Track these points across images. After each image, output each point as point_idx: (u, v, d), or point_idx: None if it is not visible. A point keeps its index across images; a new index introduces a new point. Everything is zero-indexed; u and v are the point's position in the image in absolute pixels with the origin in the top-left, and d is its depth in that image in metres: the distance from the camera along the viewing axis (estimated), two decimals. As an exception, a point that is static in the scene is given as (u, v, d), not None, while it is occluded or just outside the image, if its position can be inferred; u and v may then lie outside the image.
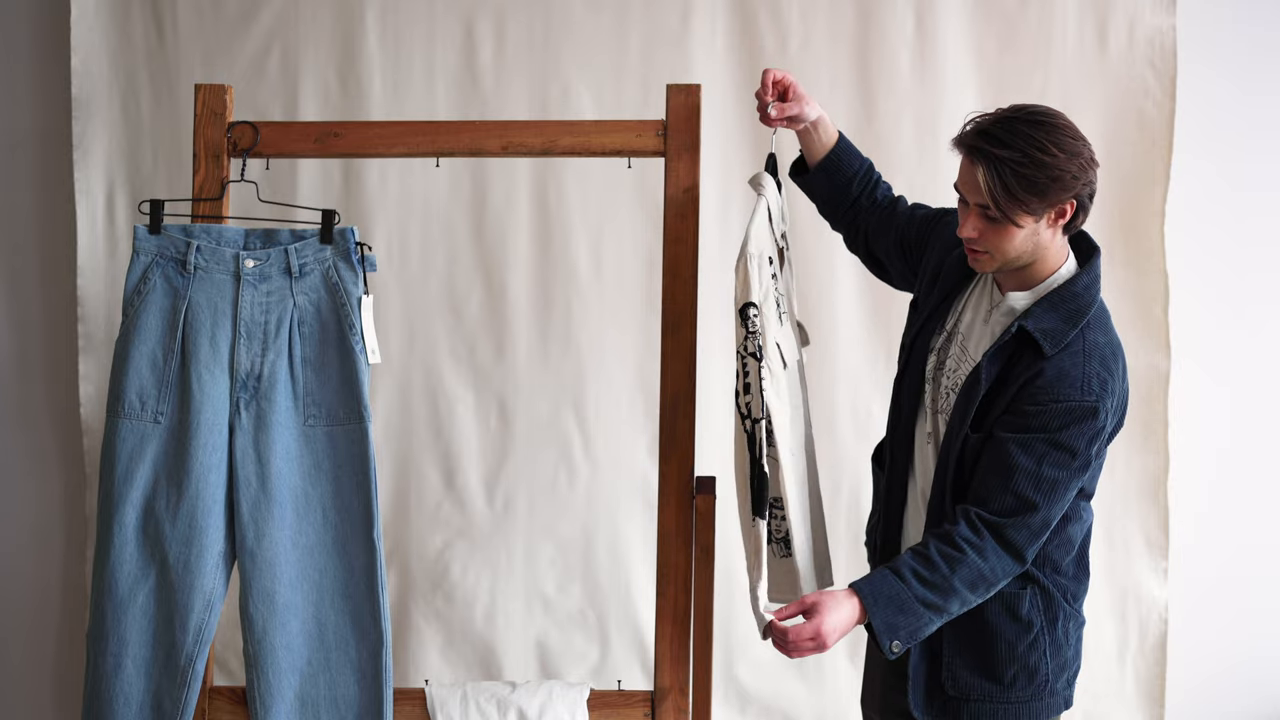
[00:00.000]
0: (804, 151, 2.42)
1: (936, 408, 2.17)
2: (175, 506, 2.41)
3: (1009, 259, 2.06)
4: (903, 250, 2.35)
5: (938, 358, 2.19)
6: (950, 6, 3.14)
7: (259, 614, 2.42)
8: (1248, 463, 3.24)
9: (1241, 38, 3.19)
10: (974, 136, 2.01)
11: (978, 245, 2.06)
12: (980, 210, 2.03)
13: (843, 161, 2.39)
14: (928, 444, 2.19)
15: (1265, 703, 3.26)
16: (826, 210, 2.45)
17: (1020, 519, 2.02)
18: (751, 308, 2.19)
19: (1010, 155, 1.96)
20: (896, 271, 2.40)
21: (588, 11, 3.16)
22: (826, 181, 2.39)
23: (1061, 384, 2.01)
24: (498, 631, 3.21)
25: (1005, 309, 2.11)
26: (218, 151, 2.52)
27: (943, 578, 2.01)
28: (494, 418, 3.22)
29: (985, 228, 2.03)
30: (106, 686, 2.42)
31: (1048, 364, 2.02)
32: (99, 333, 3.19)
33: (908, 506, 2.23)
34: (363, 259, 2.48)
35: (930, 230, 2.31)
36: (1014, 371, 2.05)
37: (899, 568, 2.04)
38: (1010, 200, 1.97)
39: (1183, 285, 3.16)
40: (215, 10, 3.18)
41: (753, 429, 2.20)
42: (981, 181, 1.99)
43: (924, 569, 2.02)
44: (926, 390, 2.20)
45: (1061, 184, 1.97)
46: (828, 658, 3.18)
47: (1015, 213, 1.99)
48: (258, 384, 2.43)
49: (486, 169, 3.17)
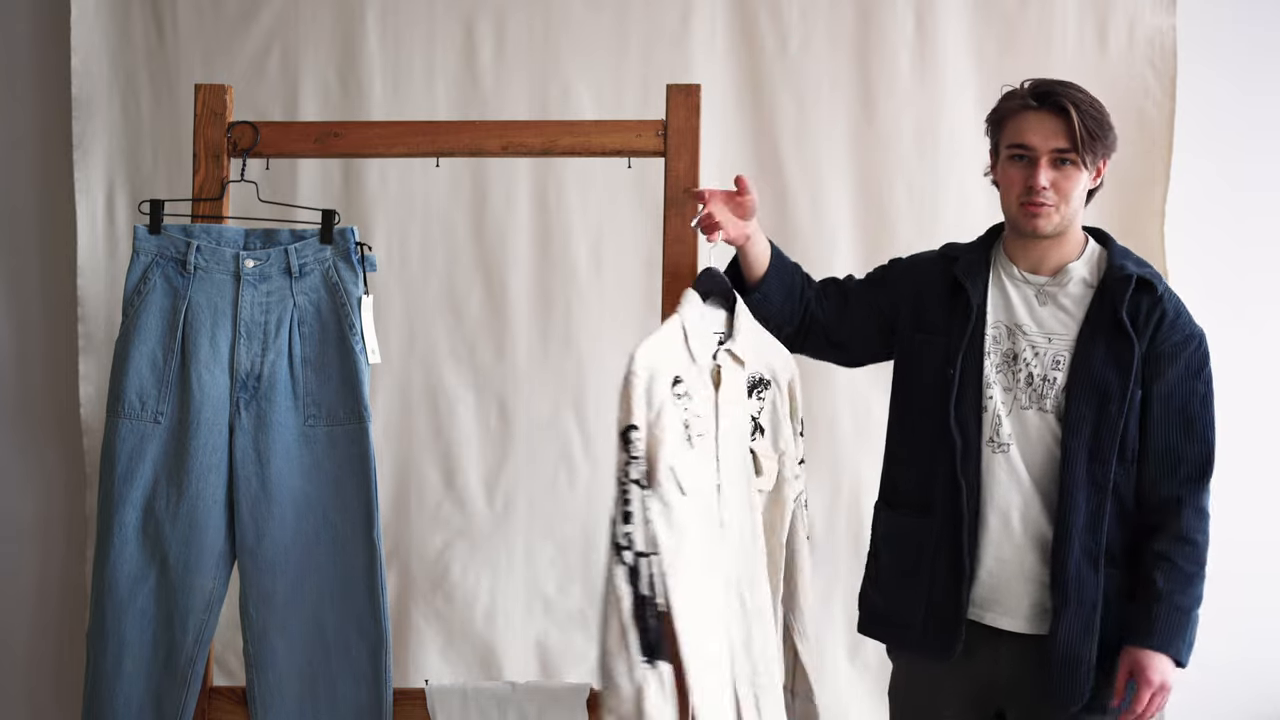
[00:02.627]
0: (745, 266, 2.32)
1: (1019, 404, 2.17)
2: (175, 506, 2.41)
3: (1070, 210, 2.18)
4: (877, 314, 2.33)
5: (1000, 357, 2.19)
6: (950, 7, 3.14)
7: (259, 614, 2.42)
8: (1248, 463, 3.24)
9: (1241, 38, 3.19)
10: (1054, 86, 2.17)
11: (1048, 197, 2.16)
12: (1055, 157, 2.15)
13: (784, 260, 2.35)
14: (997, 452, 2.17)
15: (1265, 702, 3.26)
16: (783, 316, 2.32)
17: (1209, 469, 2.16)
18: (634, 430, 1.99)
19: (1087, 100, 2.16)
20: (861, 343, 2.36)
21: (588, 11, 3.16)
22: (779, 284, 2.32)
23: (1182, 316, 2.19)
24: (498, 631, 3.20)
25: (1075, 278, 2.20)
26: (218, 151, 2.52)
27: (1197, 577, 2.14)
28: (494, 418, 3.22)
29: (1056, 176, 2.16)
30: (106, 686, 2.41)
31: (1165, 301, 2.18)
32: (99, 333, 3.19)
33: (988, 530, 2.17)
34: (363, 259, 2.48)
35: (897, 280, 2.35)
36: (1138, 319, 2.16)
37: (1176, 603, 2.11)
38: (1090, 139, 2.14)
39: (1183, 285, 3.15)
40: (215, 10, 3.18)
41: (635, 562, 1.93)
42: (1076, 122, 2.13)
43: (1184, 585, 2.12)
44: (993, 393, 2.18)
45: (1112, 137, 2.20)
46: (828, 658, 3.17)
47: (1088, 153, 2.15)
48: (258, 384, 2.43)
49: (486, 169, 3.17)
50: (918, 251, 2.40)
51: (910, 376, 2.29)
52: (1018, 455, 2.16)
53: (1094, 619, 2.12)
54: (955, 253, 2.30)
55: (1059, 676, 2.12)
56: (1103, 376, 2.12)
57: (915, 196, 3.15)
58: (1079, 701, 2.13)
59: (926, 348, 2.25)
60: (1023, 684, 2.17)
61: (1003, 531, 2.16)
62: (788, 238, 3.11)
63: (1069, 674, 2.12)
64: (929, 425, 2.21)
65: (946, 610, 2.18)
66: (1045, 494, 2.15)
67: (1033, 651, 2.15)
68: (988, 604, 2.18)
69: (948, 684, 2.22)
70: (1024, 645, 2.17)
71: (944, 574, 2.18)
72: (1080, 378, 2.13)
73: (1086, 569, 2.12)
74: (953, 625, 2.17)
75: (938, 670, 2.21)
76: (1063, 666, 2.12)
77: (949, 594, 2.17)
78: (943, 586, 2.18)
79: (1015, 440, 2.16)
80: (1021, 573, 2.16)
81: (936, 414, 2.19)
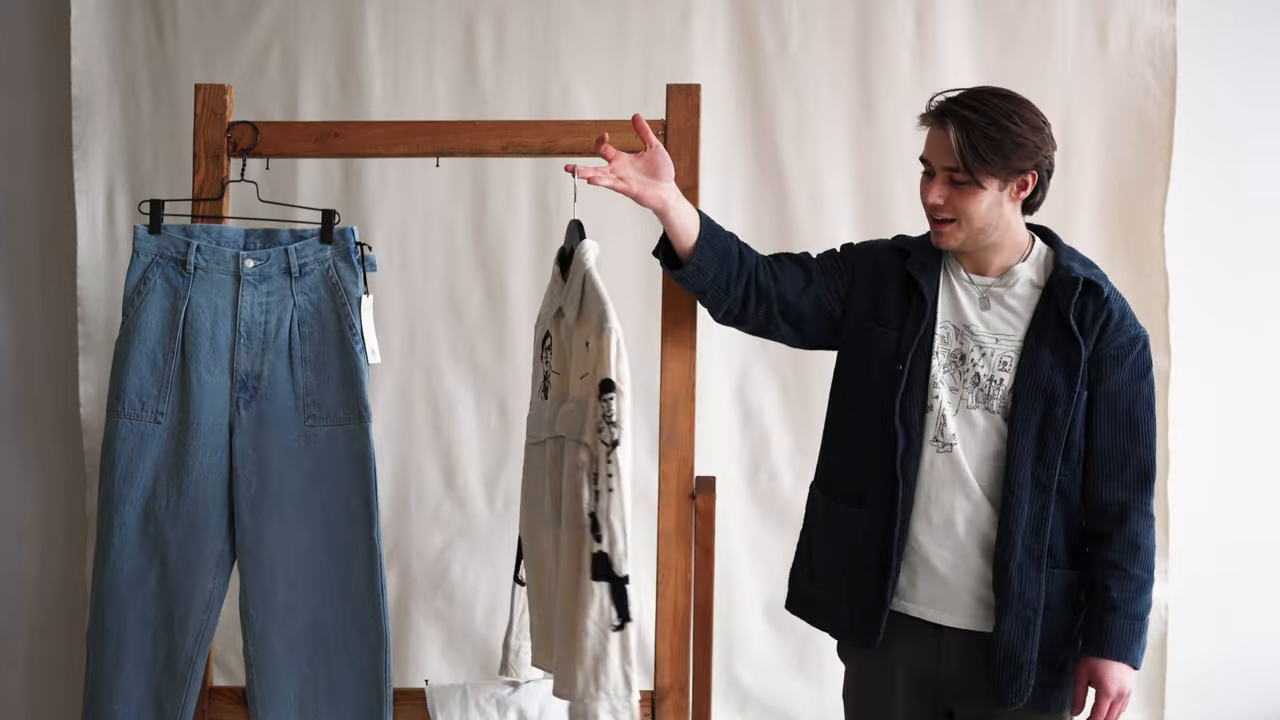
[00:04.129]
0: (673, 240, 2.22)
1: (965, 404, 2.16)
2: (175, 506, 2.41)
3: (975, 229, 2.13)
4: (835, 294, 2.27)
5: (948, 357, 2.18)
6: (950, 7, 3.14)
7: (259, 614, 2.42)
8: (1247, 463, 3.24)
9: (1241, 38, 3.19)
10: (944, 103, 2.13)
11: (944, 212, 2.13)
12: (947, 174, 2.11)
13: (715, 230, 2.23)
14: (941, 451, 2.16)
15: (1265, 702, 3.26)
16: (718, 287, 2.22)
17: (1153, 471, 2.16)
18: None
19: (978, 118, 2.07)
20: (822, 320, 2.28)
21: (588, 11, 3.16)
22: (712, 254, 2.21)
23: (1127, 318, 2.16)
24: (498, 631, 3.20)
25: (1021, 279, 2.17)
26: (218, 151, 2.52)
27: (1148, 583, 2.14)
28: (494, 418, 3.22)
29: (951, 193, 2.12)
30: (106, 686, 2.41)
31: (1110, 303, 2.14)
32: (99, 333, 3.19)
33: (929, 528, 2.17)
34: (363, 259, 2.48)
35: (856, 262, 2.30)
36: (1084, 321, 2.13)
37: (1131, 611, 2.12)
38: (977, 159, 2.07)
39: (1183, 285, 3.16)
40: (215, 10, 3.18)
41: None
42: (952, 141, 2.08)
43: (1136, 593, 2.12)
44: (939, 392, 2.17)
45: (1024, 150, 2.09)
46: (828, 658, 3.17)
47: (981, 173, 2.08)
48: (258, 384, 2.42)
49: (486, 169, 3.17)
50: (867, 240, 2.38)
51: (857, 366, 2.26)
52: (962, 454, 2.15)
53: (1036, 619, 2.12)
54: (908, 247, 2.28)
55: (1001, 675, 2.13)
56: (1049, 378, 2.12)
57: (915, 196, 3.12)
58: (1020, 700, 2.14)
59: (877, 339, 2.22)
60: (968, 682, 2.18)
61: (945, 530, 2.16)
62: (788, 238, 3.12)
63: (1011, 673, 2.13)
64: (870, 418, 2.20)
65: (871, 600, 2.19)
66: (989, 494, 2.15)
67: (977, 649, 2.16)
68: (930, 600, 2.18)
69: (895, 682, 2.23)
70: (967, 642, 2.17)
71: (873, 566, 2.19)
72: (1027, 379, 2.13)
73: (1029, 569, 2.12)
74: (876, 615, 2.18)
75: (882, 668, 2.23)
76: (1005, 665, 2.13)
77: (875, 586, 2.18)
78: (871, 578, 2.19)
79: (960, 440, 2.15)
80: (964, 571, 2.16)
81: (880, 409, 2.18)
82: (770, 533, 3.20)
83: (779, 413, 3.22)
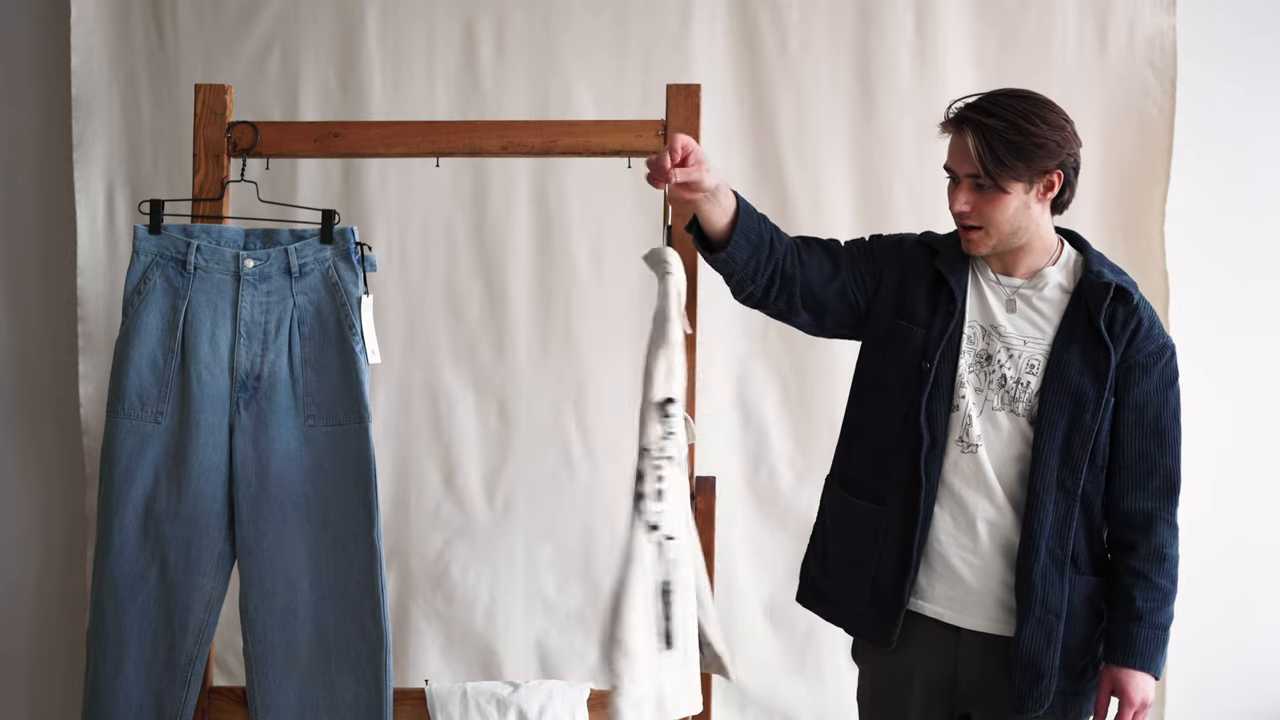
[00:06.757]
0: (705, 223, 2.17)
1: (990, 406, 2.14)
2: (175, 506, 2.41)
3: (1003, 234, 2.11)
4: (861, 285, 2.24)
5: (974, 357, 2.16)
6: (950, 7, 3.14)
7: (259, 614, 2.42)
8: (1248, 463, 3.24)
9: (1241, 38, 3.19)
10: (963, 110, 2.10)
11: (971, 219, 2.11)
12: (971, 181, 2.09)
13: (751, 215, 2.19)
14: (966, 452, 2.15)
15: (1265, 701, 3.26)
16: (746, 272, 2.18)
17: (1179, 482, 2.17)
18: (672, 403, 1.97)
19: (997, 122, 2.05)
20: (844, 310, 2.25)
21: (588, 11, 3.16)
22: (746, 241, 2.17)
23: (1156, 326, 2.16)
24: (498, 631, 3.20)
25: (1051, 283, 2.16)
26: (218, 151, 2.53)
27: (1172, 594, 2.15)
28: (494, 418, 3.22)
29: (976, 199, 2.09)
30: (106, 686, 2.42)
31: (1140, 311, 2.14)
32: (99, 333, 3.19)
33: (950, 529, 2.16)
34: (363, 259, 2.48)
35: (884, 254, 2.26)
36: (1114, 327, 2.12)
37: (1155, 621, 2.13)
38: (998, 165, 2.05)
39: (1183, 285, 3.15)
40: (215, 10, 3.18)
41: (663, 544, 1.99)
42: (971, 148, 2.06)
43: (1161, 603, 2.14)
44: (965, 392, 2.15)
45: (1047, 150, 2.06)
46: (827, 658, 3.18)
47: (1004, 178, 2.06)
48: (258, 384, 2.43)
49: (486, 169, 3.17)
50: (896, 233, 2.35)
51: (882, 362, 2.23)
52: (986, 456, 2.14)
53: (1058, 625, 2.11)
54: (935, 244, 2.26)
55: (1022, 682, 2.11)
56: (1078, 383, 2.11)
57: (915, 196, 3.15)
58: (1041, 707, 2.12)
59: (904, 336, 2.20)
60: (985, 686, 2.17)
61: (968, 532, 2.15)
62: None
63: (1032, 680, 2.11)
64: (893, 416, 2.18)
65: (888, 598, 2.17)
66: (1012, 497, 2.14)
67: (996, 653, 2.15)
68: (948, 601, 2.16)
69: (911, 685, 2.21)
70: (986, 645, 2.16)
71: (892, 564, 2.17)
72: (1055, 383, 2.12)
73: (1053, 574, 2.11)
74: (893, 614, 2.16)
75: (898, 671, 2.21)
76: (1025, 672, 2.11)
77: (894, 585, 2.16)
78: (889, 576, 2.17)
79: (985, 441, 2.14)
80: (985, 573, 2.15)
81: (904, 406, 2.16)
82: (770, 533, 3.20)
83: (779, 413, 3.22)
